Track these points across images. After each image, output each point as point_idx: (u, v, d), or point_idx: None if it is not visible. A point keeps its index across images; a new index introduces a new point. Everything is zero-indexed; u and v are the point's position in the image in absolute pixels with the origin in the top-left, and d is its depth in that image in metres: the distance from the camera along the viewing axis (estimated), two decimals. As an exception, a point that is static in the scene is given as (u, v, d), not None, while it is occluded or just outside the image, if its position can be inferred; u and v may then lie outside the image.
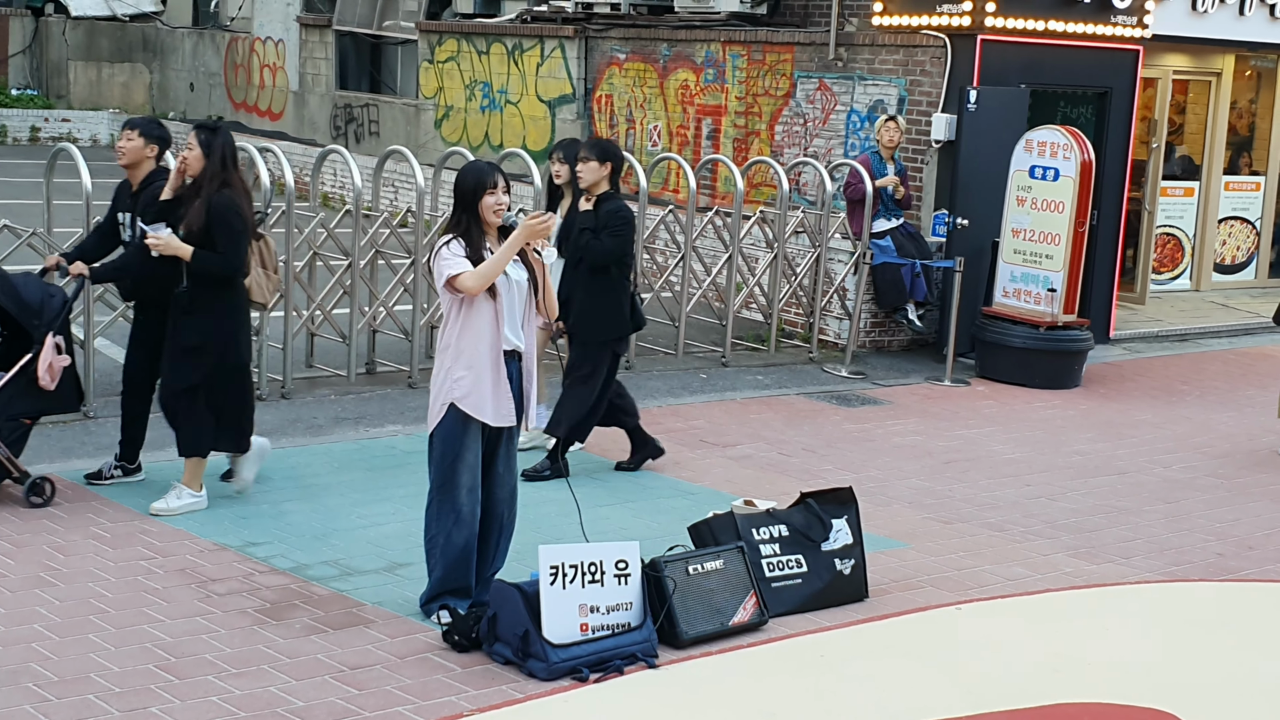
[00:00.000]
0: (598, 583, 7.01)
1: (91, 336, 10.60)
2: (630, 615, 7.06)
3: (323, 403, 11.41)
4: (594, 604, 6.99)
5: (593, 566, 7.01)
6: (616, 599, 7.05)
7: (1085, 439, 11.96)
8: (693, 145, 17.84)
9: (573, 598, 6.95)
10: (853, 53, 15.90)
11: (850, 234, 14.36)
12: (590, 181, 9.70)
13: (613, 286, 9.76)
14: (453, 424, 7.16)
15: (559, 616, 6.88)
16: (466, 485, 7.20)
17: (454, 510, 7.20)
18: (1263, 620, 8.25)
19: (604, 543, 7.31)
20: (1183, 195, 18.51)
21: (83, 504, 8.71)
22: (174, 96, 29.54)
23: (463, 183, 7.19)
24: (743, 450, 10.91)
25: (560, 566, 6.94)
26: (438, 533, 7.26)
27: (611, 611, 7.02)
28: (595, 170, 9.65)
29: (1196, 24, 16.64)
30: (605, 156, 9.68)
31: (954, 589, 8.23)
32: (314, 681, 6.56)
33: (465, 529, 7.23)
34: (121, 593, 7.42)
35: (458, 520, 7.21)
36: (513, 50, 20.59)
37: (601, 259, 9.63)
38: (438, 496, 7.25)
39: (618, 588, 7.06)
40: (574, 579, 6.95)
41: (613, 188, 9.75)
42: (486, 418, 7.16)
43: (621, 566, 7.08)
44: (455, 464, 7.18)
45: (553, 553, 6.98)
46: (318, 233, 11.98)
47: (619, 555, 7.13)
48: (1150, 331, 16.56)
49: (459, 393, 7.13)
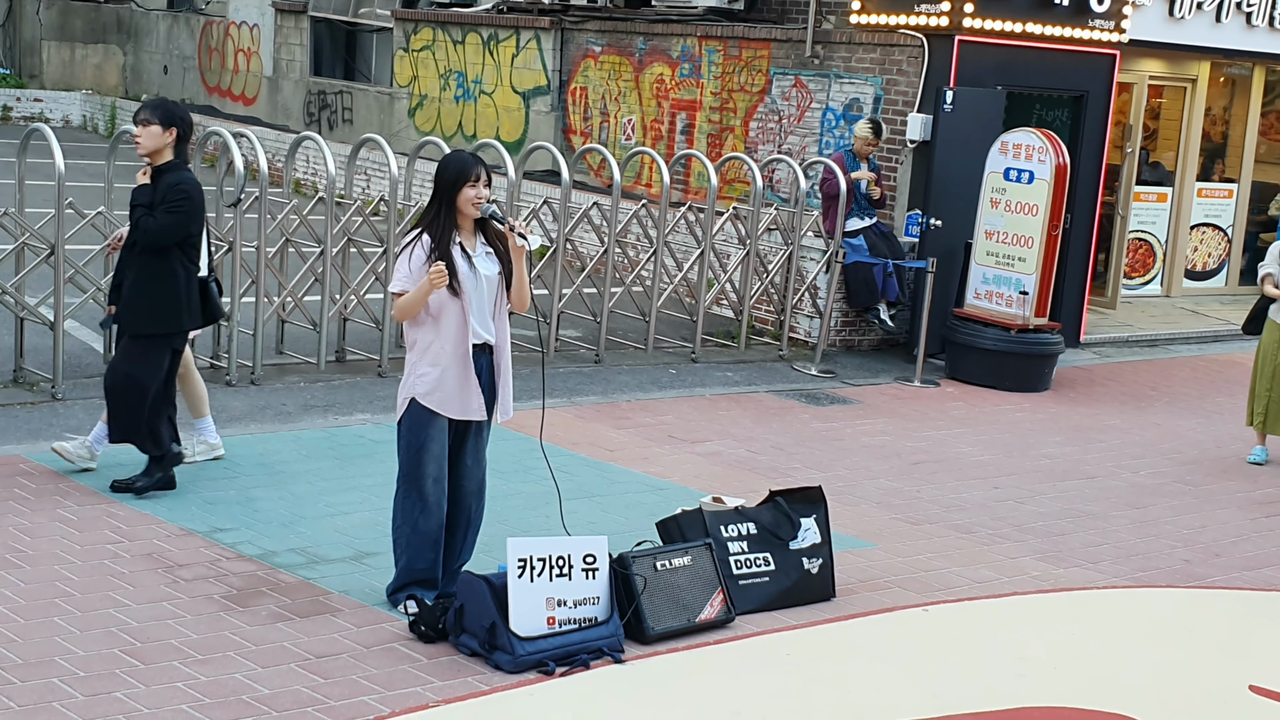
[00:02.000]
0: (565, 576, 6.99)
1: (61, 318, 10.53)
2: (597, 610, 7.05)
3: (292, 390, 11.37)
4: (561, 597, 6.98)
5: (561, 560, 7.00)
6: (584, 593, 7.03)
7: (1054, 443, 11.99)
8: (667, 140, 17.83)
9: (540, 591, 6.94)
10: (829, 50, 15.91)
11: (823, 232, 14.37)
12: (150, 149, 8.50)
13: (171, 272, 8.52)
14: (418, 415, 7.16)
15: (526, 609, 6.87)
16: (432, 475, 7.19)
17: (420, 500, 7.19)
18: (1227, 627, 8.28)
19: (572, 536, 7.29)
20: (1156, 201, 18.58)
21: (50, 486, 8.65)
22: (147, 79, 29.39)
23: (443, 172, 7.16)
24: (711, 447, 10.91)
25: (529, 559, 6.93)
26: (404, 522, 7.25)
27: (579, 605, 7.01)
28: (157, 136, 8.47)
29: (1173, 30, 16.69)
30: (169, 120, 8.49)
31: (921, 590, 8.24)
32: (279, 669, 6.53)
33: (432, 519, 7.22)
34: (87, 576, 7.38)
35: (424, 510, 7.20)
36: (488, 40, 20.55)
37: (155, 239, 8.43)
38: (404, 486, 7.25)
39: (585, 581, 7.04)
40: (542, 571, 6.94)
41: (178, 157, 8.56)
42: (451, 413, 7.15)
43: (589, 560, 7.07)
44: (420, 454, 7.17)
45: (521, 545, 6.96)
46: (290, 219, 11.93)
47: (587, 549, 7.11)
48: (1120, 336, 16.62)
49: (422, 389, 7.13)
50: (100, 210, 11.08)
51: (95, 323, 11.92)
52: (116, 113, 27.22)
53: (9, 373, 10.89)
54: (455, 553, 7.45)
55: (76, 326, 12.05)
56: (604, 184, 16.95)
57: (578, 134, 19.25)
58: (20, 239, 10.64)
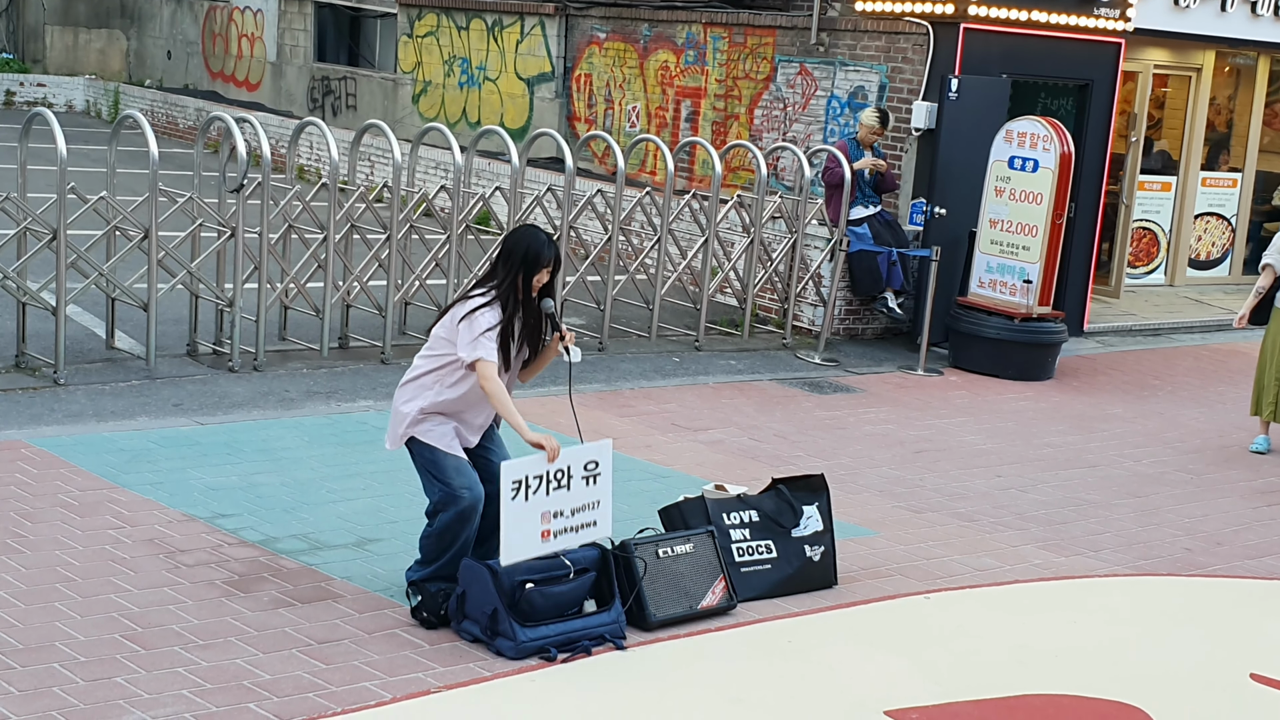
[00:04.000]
0: (564, 488, 6.88)
1: (63, 303, 10.53)
2: (597, 514, 6.98)
3: (295, 376, 11.36)
4: (558, 509, 6.87)
5: (559, 474, 6.87)
6: (584, 499, 6.95)
7: (1057, 431, 11.98)
8: (671, 127, 17.81)
9: (535, 507, 6.80)
10: (834, 38, 15.88)
11: (827, 220, 14.35)
12: None
13: None
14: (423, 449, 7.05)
15: (518, 532, 6.72)
16: (465, 485, 6.99)
17: (455, 502, 7.00)
18: (1229, 615, 8.28)
19: (575, 446, 7.07)
20: (1160, 190, 18.55)
21: (51, 471, 8.65)
22: (151, 64, 29.37)
23: (519, 247, 7.01)
24: (714, 435, 10.91)
25: (524, 480, 6.77)
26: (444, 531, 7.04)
27: (577, 513, 6.95)
28: None
29: (1178, 19, 16.66)
30: None
31: (923, 578, 8.24)
32: (281, 655, 6.53)
33: (468, 526, 7.05)
34: (88, 562, 7.38)
35: (462, 520, 7.02)
36: (493, 27, 20.52)
37: None
38: (439, 498, 7.03)
39: (585, 489, 6.95)
40: (538, 489, 6.81)
41: None
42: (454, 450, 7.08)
43: (591, 467, 6.97)
44: (444, 475, 7.00)
45: (516, 467, 6.79)
46: (293, 205, 11.92)
47: (589, 457, 6.99)
48: (1124, 325, 16.60)
49: (422, 431, 7.02)
50: (103, 195, 11.07)
51: (98, 308, 11.93)
52: (120, 98, 27.20)
53: (11, 357, 10.89)
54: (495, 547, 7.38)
55: (78, 311, 12.05)
56: (608, 171, 16.91)
57: (582, 121, 19.22)
58: (22, 224, 10.64)
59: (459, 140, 12.90)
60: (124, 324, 11.66)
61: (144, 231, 10.88)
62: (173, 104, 25.87)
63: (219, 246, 11.47)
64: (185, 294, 11.62)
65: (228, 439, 9.62)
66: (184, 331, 11.78)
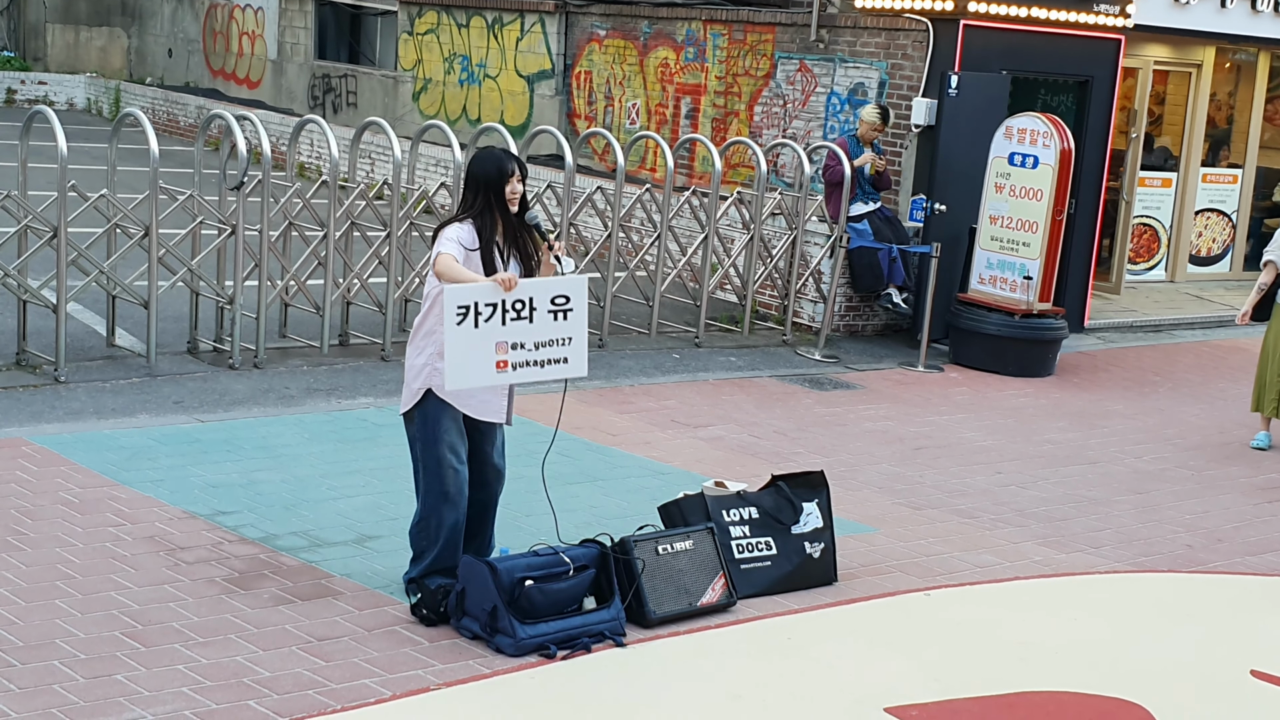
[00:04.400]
0: (524, 319, 6.62)
1: (64, 301, 10.53)
2: (567, 351, 6.74)
3: (295, 373, 11.37)
4: (518, 340, 6.63)
5: (518, 304, 6.58)
6: (550, 334, 6.69)
7: (1057, 428, 11.98)
8: (671, 124, 17.81)
9: (488, 336, 6.57)
10: (834, 34, 15.88)
11: (827, 217, 14.35)
12: None
13: None
14: (432, 407, 7.05)
15: (465, 359, 6.52)
16: (452, 465, 7.08)
17: (443, 492, 7.08)
18: (1229, 612, 8.28)
19: (543, 279, 6.81)
20: (1160, 186, 18.55)
21: (51, 469, 8.66)
22: (152, 62, 29.37)
23: (482, 168, 7.01)
24: (714, 431, 10.91)
25: (472, 306, 6.50)
26: (429, 515, 7.13)
27: (542, 347, 6.70)
28: None
29: (1178, 15, 16.66)
30: None
31: (923, 575, 8.24)
32: (281, 652, 6.53)
33: (455, 510, 7.12)
34: (89, 559, 7.39)
35: (447, 500, 7.09)
36: (493, 24, 20.52)
37: None
38: (425, 481, 7.13)
39: (553, 322, 6.68)
40: (491, 317, 6.55)
41: None
42: (471, 411, 7.07)
43: (560, 302, 6.68)
44: (437, 446, 7.07)
45: (462, 292, 6.52)
46: (293, 203, 11.92)
47: (558, 291, 6.67)
48: (1124, 322, 16.60)
49: (436, 381, 7.01)
50: (103, 193, 11.08)
51: (99, 305, 11.94)
52: (121, 96, 27.20)
53: (11, 355, 10.90)
54: (486, 541, 7.40)
55: (79, 309, 12.05)
56: (608, 168, 16.92)
57: (582, 118, 19.23)
58: (23, 221, 10.64)
59: (459, 138, 12.90)
60: (124, 321, 11.67)
61: (144, 229, 10.88)
62: (174, 102, 25.87)
63: (219, 244, 11.48)
64: (186, 291, 11.63)
65: (228, 436, 9.62)
66: (184, 329, 11.79)
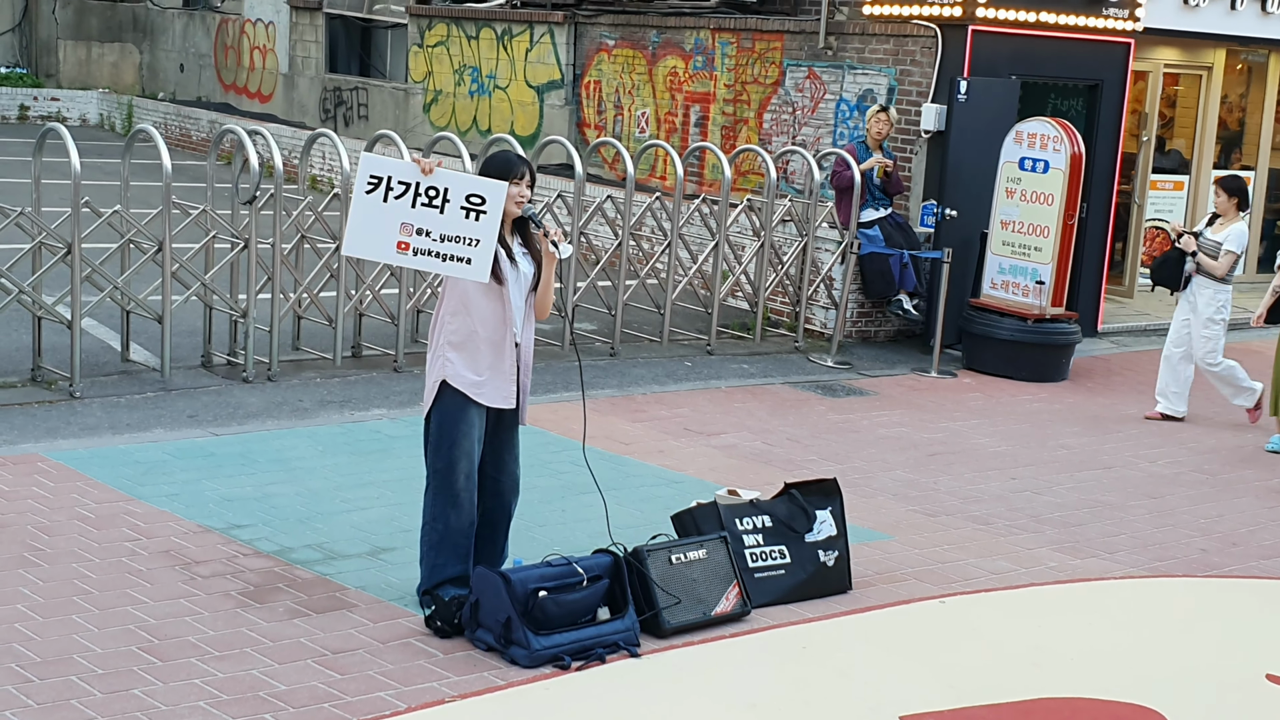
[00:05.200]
0: (434, 208, 6.66)
1: (79, 317, 10.56)
2: (473, 253, 6.73)
3: (309, 386, 11.39)
4: (423, 227, 6.68)
5: (431, 190, 6.64)
6: (459, 230, 6.71)
7: (1071, 433, 11.97)
8: (680, 132, 17.83)
9: (394, 214, 6.64)
10: (843, 41, 15.90)
11: (838, 223, 14.36)
12: None
13: None
14: (450, 407, 7.06)
15: (367, 230, 6.62)
16: (464, 471, 7.10)
17: (453, 497, 7.10)
18: (1245, 616, 8.27)
19: (462, 175, 6.88)
20: (1172, 189, 18.53)
21: (67, 484, 8.69)
22: (164, 77, 29.46)
23: (489, 168, 7.07)
24: (727, 439, 10.91)
25: (385, 180, 6.59)
26: (435, 519, 7.15)
27: (447, 241, 6.73)
28: None
29: (1188, 18, 16.65)
30: None
31: (938, 582, 8.24)
32: (296, 665, 6.55)
33: (464, 516, 7.14)
34: (105, 574, 7.41)
35: (456, 507, 7.11)
36: (502, 35, 20.56)
37: None
38: (434, 483, 7.15)
39: (464, 219, 6.70)
40: (402, 195, 6.62)
41: None
42: (483, 399, 7.09)
43: (475, 201, 6.71)
44: (452, 450, 7.08)
45: (378, 163, 6.65)
46: (305, 216, 11.96)
47: (475, 189, 6.71)
48: (1138, 325, 16.58)
49: (451, 370, 7.05)
50: (116, 209, 11.12)
51: (113, 320, 11.97)
52: (133, 111, 27.29)
53: (27, 371, 10.94)
54: (498, 551, 7.40)
55: (94, 325, 12.09)
56: (618, 177, 16.94)
57: (592, 127, 19.25)
58: (37, 238, 10.68)
59: (469, 148, 12.93)
60: (139, 336, 11.71)
61: (158, 244, 10.92)
62: (186, 116, 25.94)
63: (232, 258, 11.51)
64: (199, 305, 11.66)
65: (242, 450, 9.65)
66: (198, 343, 11.82)
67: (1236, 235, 12.20)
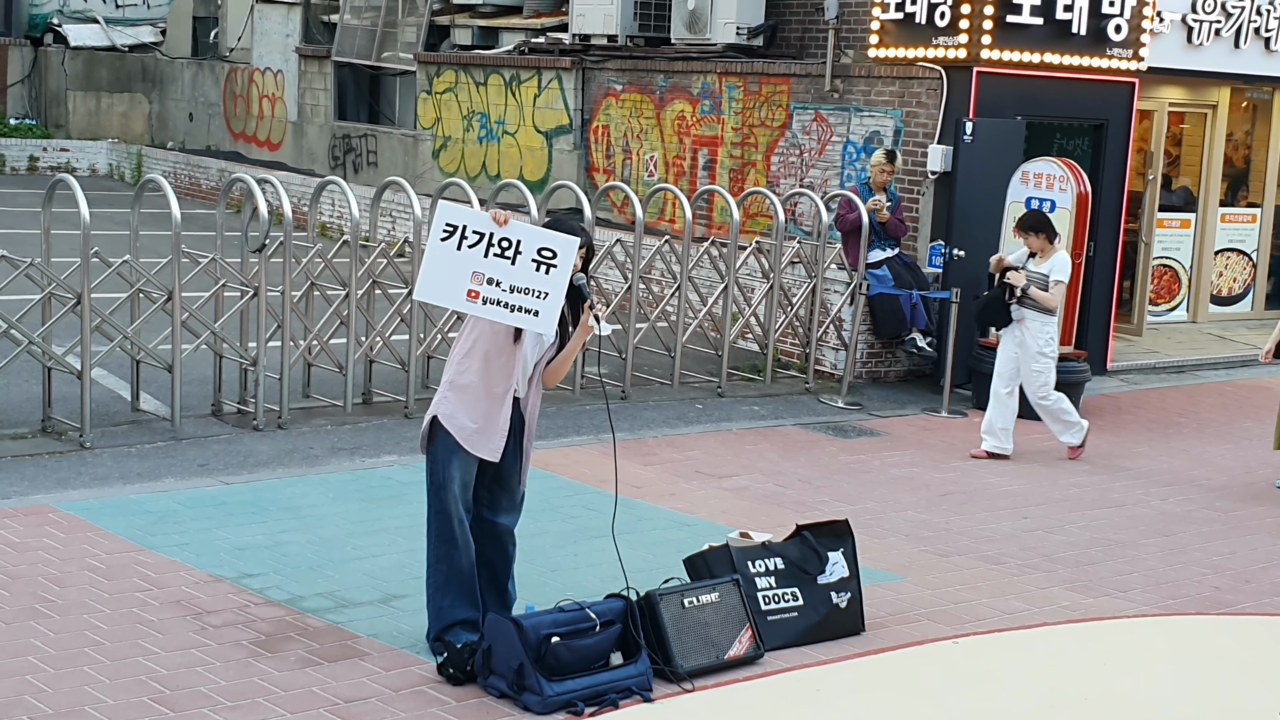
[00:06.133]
0: (506, 259, 6.73)
1: (89, 367, 10.59)
2: (541, 305, 6.79)
3: (319, 433, 11.40)
4: (494, 276, 6.76)
5: (504, 241, 6.72)
6: (529, 282, 6.79)
7: (1082, 471, 11.95)
8: (689, 176, 17.88)
9: (466, 261, 6.73)
10: (849, 84, 15.95)
11: (846, 264, 14.38)
12: None
13: None
14: (443, 449, 7.11)
15: (440, 276, 6.72)
16: (458, 515, 7.15)
17: (450, 539, 7.15)
18: (1259, 654, 8.24)
19: (537, 228, 6.94)
20: (1179, 227, 18.55)
21: (78, 535, 8.69)
22: (173, 127, 29.59)
23: (557, 229, 7.07)
24: (738, 481, 10.91)
25: (461, 228, 6.70)
26: (439, 561, 7.18)
27: (517, 292, 6.80)
28: None
29: (1192, 56, 16.70)
30: None
31: (950, 623, 8.22)
32: (308, 714, 6.53)
33: (464, 555, 7.16)
34: (116, 625, 7.41)
35: (453, 545, 7.14)
36: (510, 81, 20.64)
37: None
38: (434, 524, 7.19)
39: (534, 272, 6.77)
40: (476, 245, 6.70)
41: None
42: (467, 444, 7.08)
43: (547, 255, 6.79)
44: (444, 491, 7.13)
45: (455, 211, 6.77)
46: (315, 263, 11.99)
47: (547, 243, 6.80)
48: (1147, 363, 16.56)
49: (445, 409, 7.09)
50: (126, 258, 11.16)
51: (123, 370, 11.99)
52: (143, 161, 27.40)
53: (37, 422, 10.96)
54: (501, 594, 7.40)
55: (103, 374, 12.11)
56: (627, 221, 16.98)
57: (600, 172, 19.31)
58: (47, 289, 10.72)
59: (479, 194, 12.98)
60: (149, 385, 11.73)
61: (167, 293, 10.96)
62: (195, 165, 26.05)
63: (242, 306, 11.54)
64: (209, 354, 11.68)
65: (253, 498, 9.65)
66: (208, 391, 11.84)
67: (1061, 264, 12.03)
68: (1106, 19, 14.93)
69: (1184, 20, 16.53)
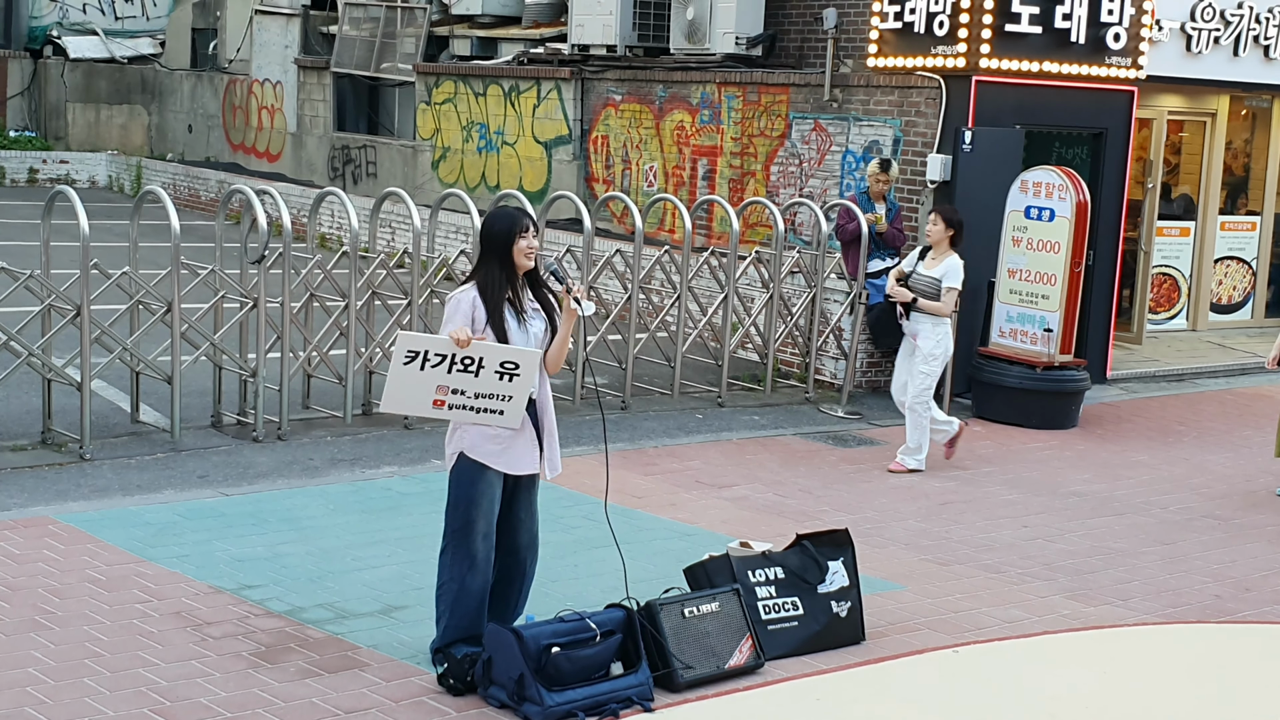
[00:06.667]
0: (469, 373, 6.83)
1: (88, 379, 10.59)
2: (506, 406, 6.89)
3: (319, 444, 11.40)
4: (458, 387, 6.85)
5: (467, 360, 6.82)
6: (491, 389, 6.88)
7: (1082, 480, 11.95)
8: (688, 186, 17.88)
9: (430, 379, 6.82)
10: (848, 94, 15.96)
11: (846, 274, 14.38)
12: None
13: None
14: (467, 469, 7.07)
15: (404, 392, 6.84)
16: (481, 532, 7.08)
17: (469, 557, 7.08)
18: (1260, 662, 8.23)
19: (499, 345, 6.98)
20: (1179, 235, 18.56)
21: (78, 547, 8.69)
22: (172, 138, 29.62)
23: (492, 229, 7.07)
24: (739, 491, 10.90)
25: (422, 354, 6.79)
26: (450, 579, 7.13)
27: (482, 398, 6.89)
28: None
29: (1191, 65, 16.71)
30: None
31: (951, 631, 8.22)
32: (309, 726, 6.54)
33: (479, 576, 7.11)
34: (116, 636, 7.40)
35: (472, 567, 7.09)
36: (509, 92, 20.66)
37: None
38: (452, 542, 7.12)
39: (497, 381, 6.87)
40: (438, 365, 6.80)
41: None
42: (501, 467, 7.07)
43: (509, 366, 6.88)
44: (470, 510, 7.07)
45: (416, 339, 6.87)
46: (314, 274, 11.99)
47: (510, 358, 6.88)
48: (1147, 372, 16.56)
49: (468, 442, 7.05)
50: (125, 270, 11.16)
51: (123, 382, 12.00)
52: (142, 172, 27.42)
53: (37, 434, 10.96)
54: (510, 608, 7.37)
55: (103, 386, 12.11)
56: (627, 231, 16.98)
57: (600, 182, 19.32)
58: (46, 300, 10.72)
59: (478, 204, 12.98)
60: (148, 397, 11.73)
61: (167, 305, 10.96)
62: (194, 177, 26.07)
63: (242, 317, 11.54)
64: (209, 366, 11.68)
65: (253, 509, 9.65)
66: (208, 403, 11.84)
67: (954, 270, 11.86)
68: (1105, 28, 14.95)
69: (1183, 28, 16.54)
